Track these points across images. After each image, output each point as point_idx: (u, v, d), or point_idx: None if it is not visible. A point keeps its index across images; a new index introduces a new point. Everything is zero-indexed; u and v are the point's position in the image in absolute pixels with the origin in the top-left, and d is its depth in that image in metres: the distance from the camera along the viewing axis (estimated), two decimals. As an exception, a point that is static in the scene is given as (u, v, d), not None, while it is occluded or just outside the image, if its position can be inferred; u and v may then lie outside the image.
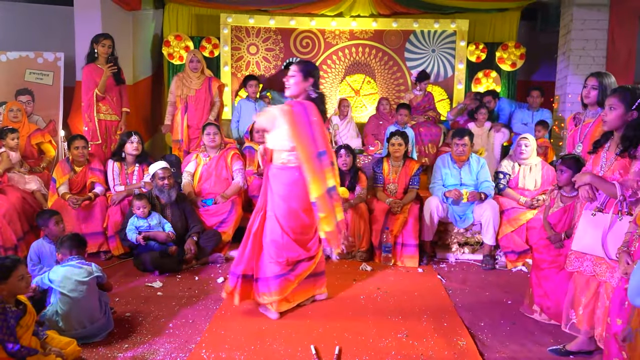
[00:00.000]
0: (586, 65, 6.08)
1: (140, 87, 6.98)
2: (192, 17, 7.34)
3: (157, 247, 4.16)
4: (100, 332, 2.90)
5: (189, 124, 5.68)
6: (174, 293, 3.69)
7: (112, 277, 3.93)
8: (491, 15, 7.26)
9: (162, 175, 4.36)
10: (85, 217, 4.50)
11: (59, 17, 6.61)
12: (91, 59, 5.18)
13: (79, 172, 4.67)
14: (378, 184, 4.81)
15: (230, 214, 4.67)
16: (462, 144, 4.57)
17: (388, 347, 2.85)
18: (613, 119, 2.64)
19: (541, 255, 3.37)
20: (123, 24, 6.53)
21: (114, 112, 5.31)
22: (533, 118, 6.04)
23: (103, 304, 2.97)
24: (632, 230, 2.39)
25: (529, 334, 3.08)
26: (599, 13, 6.06)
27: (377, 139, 6.25)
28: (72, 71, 6.09)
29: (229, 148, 5.04)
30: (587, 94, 3.40)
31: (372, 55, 7.31)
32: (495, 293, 3.82)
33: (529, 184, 4.61)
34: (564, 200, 3.37)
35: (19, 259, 2.50)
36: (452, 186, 4.59)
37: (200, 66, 5.74)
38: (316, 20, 7.19)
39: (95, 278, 2.95)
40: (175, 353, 2.75)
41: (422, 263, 4.49)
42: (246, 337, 2.94)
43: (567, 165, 3.30)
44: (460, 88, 7.20)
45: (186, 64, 5.77)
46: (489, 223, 4.43)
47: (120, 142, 4.84)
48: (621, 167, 2.57)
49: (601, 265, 2.62)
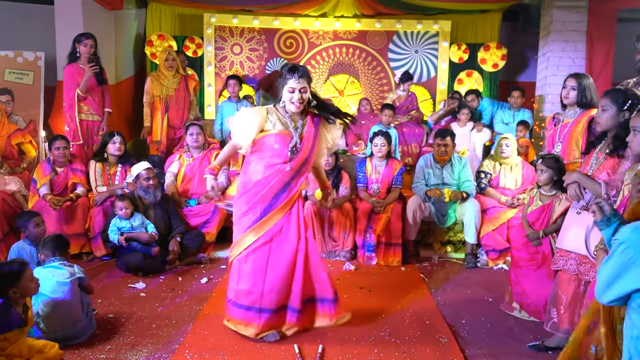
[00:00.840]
0: (566, 66, 6.18)
1: (123, 87, 6.92)
2: (175, 17, 7.29)
3: (140, 248, 4.13)
4: (83, 333, 2.88)
5: (171, 124, 5.64)
6: (157, 294, 3.68)
7: (94, 279, 3.90)
8: (473, 17, 7.34)
9: (147, 175, 4.34)
10: (67, 218, 4.46)
11: (40, 15, 6.52)
12: (73, 58, 5.12)
13: (60, 172, 4.62)
14: (361, 183, 4.84)
15: (214, 214, 4.66)
16: (444, 144, 4.62)
17: (371, 345, 2.88)
18: (606, 119, 2.68)
19: (519, 253, 3.43)
20: (105, 23, 6.47)
21: (95, 112, 5.26)
22: (514, 118, 6.13)
23: (85, 305, 2.95)
24: None
25: (508, 331, 3.13)
26: (578, 15, 6.17)
27: (360, 139, 6.28)
28: (53, 71, 6.02)
29: (213, 148, 5.03)
30: (566, 94, 3.47)
31: (356, 56, 7.34)
32: (477, 291, 3.88)
33: (510, 183, 4.67)
34: (542, 199, 3.43)
35: (24, 261, 2.50)
36: (435, 186, 4.65)
37: (176, 65, 5.71)
38: (300, 21, 7.20)
39: (78, 279, 2.92)
40: (158, 354, 2.75)
41: (405, 262, 4.53)
42: (230, 337, 2.94)
43: (547, 164, 3.35)
44: (443, 88, 7.27)
45: (161, 63, 5.72)
46: (470, 222, 4.48)
47: (103, 143, 4.81)
48: (609, 167, 2.62)
49: (585, 264, 2.67)
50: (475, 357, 2.76)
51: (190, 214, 4.66)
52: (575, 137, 3.43)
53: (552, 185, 3.37)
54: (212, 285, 3.88)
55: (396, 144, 5.78)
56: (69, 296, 2.83)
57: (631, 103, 2.59)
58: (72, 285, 2.86)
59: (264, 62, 7.30)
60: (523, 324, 3.24)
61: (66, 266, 2.93)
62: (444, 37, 7.22)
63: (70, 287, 2.84)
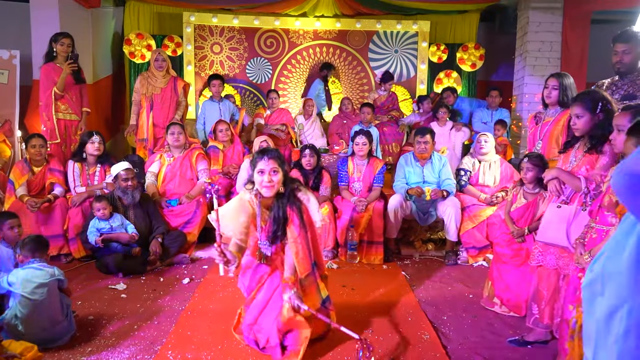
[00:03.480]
0: (542, 66, 6.31)
1: (101, 86, 6.83)
2: (154, 15, 7.23)
3: (121, 248, 4.09)
4: (62, 335, 2.84)
5: (155, 122, 5.59)
6: (138, 295, 3.64)
7: (74, 280, 3.85)
8: (451, 17, 7.43)
9: (126, 176, 4.29)
10: (45, 220, 4.39)
11: (15, 13, 6.41)
12: (50, 58, 5.04)
13: (37, 172, 4.55)
14: (343, 182, 4.86)
15: (196, 214, 4.64)
16: (424, 142, 4.68)
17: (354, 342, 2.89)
18: (582, 125, 2.76)
19: (503, 250, 3.49)
20: (82, 22, 6.39)
21: (73, 111, 5.18)
22: (492, 117, 6.22)
23: (65, 306, 2.91)
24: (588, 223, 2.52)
25: (489, 326, 3.17)
26: (553, 16, 6.29)
27: (341, 138, 6.30)
28: (29, 69, 5.91)
29: (194, 148, 5.00)
30: (548, 94, 3.56)
31: (336, 55, 7.37)
32: (458, 287, 3.93)
33: (489, 180, 4.75)
34: (527, 197, 3.49)
35: None
36: (415, 184, 4.69)
37: (166, 65, 5.66)
38: (280, 20, 7.20)
39: (57, 281, 2.88)
40: (140, 355, 2.72)
41: (387, 260, 4.56)
42: (213, 337, 2.93)
43: (534, 163, 3.41)
44: (423, 88, 7.35)
45: (151, 63, 5.68)
46: (451, 220, 4.54)
47: (81, 142, 4.74)
48: (588, 163, 2.72)
49: (564, 258, 2.73)
50: (457, 352, 2.79)
51: (171, 214, 4.62)
52: (555, 135, 3.53)
53: (537, 183, 3.44)
54: (194, 285, 3.85)
55: (377, 143, 5.82)
56: (49, 297, 2.79)
57: (602, 105, 2.69)
58: (52, 287, 2.82)
59: (244, 62, 7.28)
60: (503, 319, 3.29)
61: (45, 267, 2.88)
62: (423, 37, 7.30)
63: (49, 288, 2.80)
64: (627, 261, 1.36)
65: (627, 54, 3.31)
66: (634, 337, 1.35)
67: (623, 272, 1.37)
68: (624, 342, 1.36)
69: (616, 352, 1.38)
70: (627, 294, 1.36)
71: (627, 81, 3.34)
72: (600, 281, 1.46)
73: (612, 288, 1.42)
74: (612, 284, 1.42)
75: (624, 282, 1.37)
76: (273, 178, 2.64)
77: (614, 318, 1.39)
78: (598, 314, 1.46)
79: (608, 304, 1.42)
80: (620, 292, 1.38)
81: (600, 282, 1.47)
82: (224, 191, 4.89)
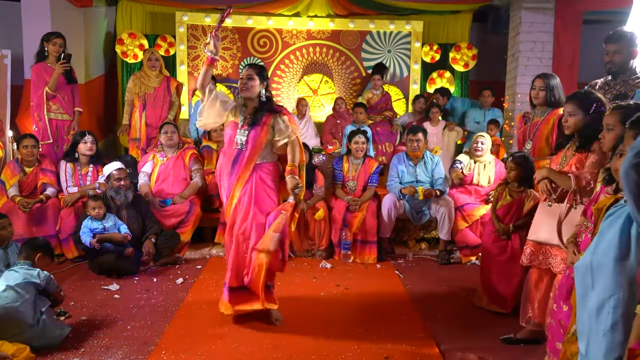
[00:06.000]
0: (534, 66, 6.33)
1: (93, 86, 6.79)
2: (146, 15, 7.18)
3: (113, 249, 4.07)
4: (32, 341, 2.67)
5: (148, 122, 5.56)
6: (131, 295, 3.63)
7: (66, 281, 3.83)
8: (444, 17, 7.45)
9: (118, 176, 4.27)
10: (37, 220, 4.36)
11: (5, 12, 6.35)
12: (41, 57, 5.00)
13: (29, 173, 4.52)
14: (337, 181, 4.87)
15: (189, 214, 4.63)
16: (416, 139, 4.70)
17: (348, 341, 2.90)
18: (574, 123, 2.78)
19: (489, 248, 3.52)
20: (74, 21, 6.33)
21: (65, 111, 5.14)
22: (485, 117, 6.25)
23: (38, 310, 2.76)
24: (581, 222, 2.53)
25: (482, 325, 3.19)
26: (545, 16, 6.32)
27: (335, 137, 6.31)
28: (20, 69, 5.86)
29: (187, 148, 4.99)
30: (536, 95, 3.59)
31: (330, 55, 7.37)
32: (451, 287, 3.94)
33: (483, 180, 4.77)
34: (512, 195, 3.53)
35: None
36: (408, 183, 4.71)
37: (159, 65, 5.64)
38: (273, 20, 7.18)
39: (33, 284, 2.76)
40: (134, 356, 2.71)
41: (380, 259, 4.58)
42: (207, 337, 2.93)
43: (517, 162, 3.45)
44: (416, 88, 7.36)
45: (144, 62, 5.65)
46: (444, 219, 4.56)
47: (74, 142, 4.71)
48: (578, 162, 2.73)
49: (556, 257, 2.75)
50: (450, 351, 2.81)
51: (165, 214, 4.60)
52: (545, 134, 3.55)
53: (521, 182, 3.47)
54: (188, 286, 3.85)
55: (370, 143, 5.83)
56: (13, 302, 2.67)
57: (596, 106, 2.70)
58: (23, 290, 2.71)
59: (237, 62, 7.26)
60: (496, 317, 3.31)
61: (24, 270, 2.79)
62: (416, 37, 7.31)
63: (18, 292, 2.69)
64: (612, 254, 1.40)
65: (617, 54, 3.33)
66: (621, 329, 1.37)
67: (609, 265, 1.40)
68: (612, 334, 1.39)
69: (605, 344, 1.40)
70: (614, 287, 1.39)
71: (620, 81, 3.36)
72: (591, 275, 1.49)
73: (600, 282, 1.45)
74: (601, 277, 1.45)
75: (609, 276, 1.40)
76: (248, 82, 3.07)
77: (602, 311, 1.42)
78: (590, 307, 1.49)
79: (597, 298, 1.45)
80: (607, 286, 1.42)
81: (590, 276, 1.50)
82: (216, 190, 4.87)
